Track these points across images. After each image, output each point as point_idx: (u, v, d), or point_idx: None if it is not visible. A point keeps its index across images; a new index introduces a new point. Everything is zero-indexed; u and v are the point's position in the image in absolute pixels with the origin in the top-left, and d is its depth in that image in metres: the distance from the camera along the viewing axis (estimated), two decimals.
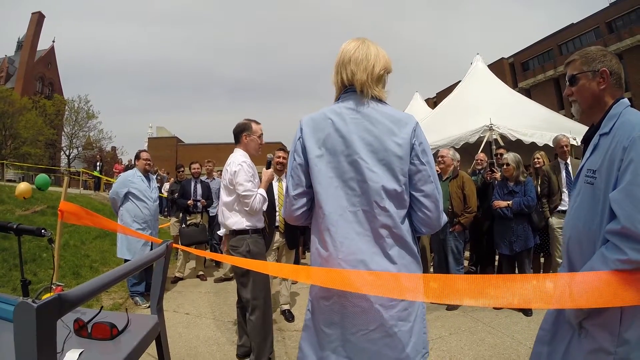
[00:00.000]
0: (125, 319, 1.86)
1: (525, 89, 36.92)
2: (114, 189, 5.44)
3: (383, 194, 1.58)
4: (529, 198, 4.80)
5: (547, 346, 1.66)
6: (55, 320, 1.01)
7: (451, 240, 5.06)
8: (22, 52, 48.43)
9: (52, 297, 0.98)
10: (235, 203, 3.37)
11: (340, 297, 1.60)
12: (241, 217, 3.36)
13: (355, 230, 1.60)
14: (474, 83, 10.63)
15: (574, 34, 35.37)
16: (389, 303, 1.57)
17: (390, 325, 1.56)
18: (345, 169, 1.63)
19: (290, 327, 4.48)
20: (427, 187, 1.64)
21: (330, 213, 1.63)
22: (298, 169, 1.72)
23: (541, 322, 1.77)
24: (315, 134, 1.68)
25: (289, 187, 1.76)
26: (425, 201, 1.65)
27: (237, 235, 3.37)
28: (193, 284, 6.56)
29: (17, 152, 35.10)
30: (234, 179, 3.28)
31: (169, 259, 2.15)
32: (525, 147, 7.82)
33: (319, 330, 1.67)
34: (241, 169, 3.28)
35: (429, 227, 1.70)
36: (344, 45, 1.74)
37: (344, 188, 1.63)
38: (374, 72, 1.66)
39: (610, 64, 1.60)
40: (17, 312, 0.94)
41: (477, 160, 6.61)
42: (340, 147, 1.64)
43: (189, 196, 6.85)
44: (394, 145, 1.60)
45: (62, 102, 43.39)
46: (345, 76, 1.69)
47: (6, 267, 5.21)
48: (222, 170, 3.56)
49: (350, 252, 1.59)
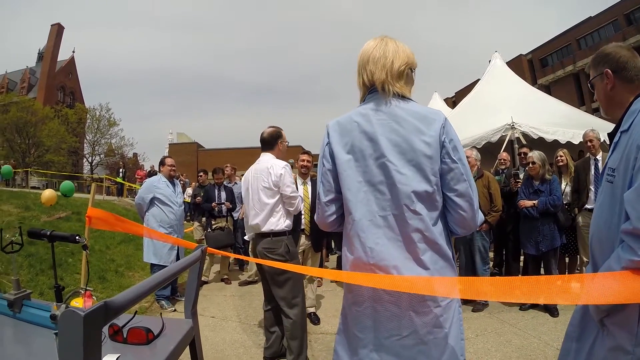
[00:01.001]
0: (160, 323, 1.87)
1: (545, 86, 36.26)
2: (140, 195, 5.54)
3: (413, 197, 1.54)
4: (554, 197, 4.70)
5: (575, 342, 1.63)
6: (101, 328, 1.02)
7: (478, 240, 5.01)
8: (43, 63, 49.48)
9: (98, 305, 0.99)
10: (278, 204, 3.42)
11: (373, 302, 1.58)
12: (281, 219, 3.43)
13: (386, 235, 1.56)
14: (493, 81, 10.47)
15: (592, 28, 34.64)
16: (421, 309, 1.53)
17: (425, 332, 1.53)
18: (374, 173, 1.59)
19: (316, 329, 4.48)
20: (460, 186, 1.58)
21: (360, 219, 1.60)
22: (328, 174, 1.71)
23: (570, 318, 1.73)
24: (342, 138, 1.66)
25: (320, 194, 1.75)
26: (460, 201, 1.58)
27: (275, 237, 3.41)
28: (218, 287, 6.61)
29: (40, 159, 35.91)
30: (280, 181, 3.35)
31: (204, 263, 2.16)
32: (548, 144, 7.67)
33: (352, 335, 1.65)
34: (286, 172, 3.38)
35: (465, 227, 1.64)
36: (364, 45, 1.71)
37: (374, 192, 1.59)
38: (393, 69, 1.62)
39: (613, 62, 1.54)
40: (64, 320, 0.95)
41: (499, 159, 6.52)
42: (368, 150, 1.61)
43: (212, 201, 6.91)
44: (422, 144, 1.55)
45: (84, 110, 44.37)
46: (366, 77, 1.66)
47: (33, 272, 5.31)
48: (252, 172, 3.59)
49: (382, 258, 1.55)
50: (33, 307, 1.92)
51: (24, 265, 5.35)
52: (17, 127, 35.46)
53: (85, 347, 0.94)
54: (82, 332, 0.92)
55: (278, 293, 3.42)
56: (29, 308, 1.92)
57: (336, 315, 4.83)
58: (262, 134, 3.62)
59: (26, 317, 1.89)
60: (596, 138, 5.00)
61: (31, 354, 1.70)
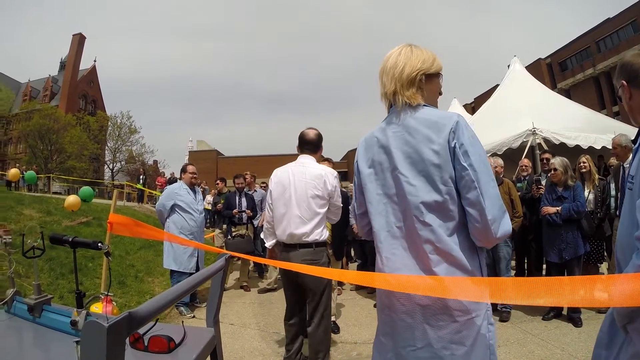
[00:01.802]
0: (181, 331, 1.85)
1: (565, 90, 35.76)
2: (161, 201, 5.60)
3: (422, 208, 1.52)
4: (578, 204, 4.59)
5: (604, 350, 1.60)
6: (125, 339, 1.01)
7: (502, 247, 4.92)
8: (65, 72, 50.76)
9: (122, 315, 0.98)
10: (326, 214, 3.29)
11: (389, 310, 1.62)
12: (323, 229, 3.27)
13: (402, 245, 1.60)
14: (513, 86, 10.37)
15: (611, 30, 34.01)
16: (435, 323, 1.49)
17: (440, 347, 1.48)
18: (390, 185, 1.64)
19: (336, 338, 4.43)
20: (470, 195, 1.48)
21: (379, 230, 1.66)
22: (358, 189, 1.82)
23: (597, 326, 1.72)
24: (366, 153, 1.76)
25: (355, 207, 1.88)
26: (471, 211, 1.49)
27: (317, 247, 3.23)
28: (237, 294, 6.62)
29: (62, 165, 36.80)
30: (334, 192, 3.24)
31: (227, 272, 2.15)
32: (569, 150, 7.55)
33: (378, 340, 1.72)
34: (338, 182, 3.28)
35: (480, 239, 1.52)
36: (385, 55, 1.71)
37: (391, 204, 1.64)
38: (402, 77, 1.60)
39: (626, 72, 1.48)
40: (87, 330, 0.94)
41: (521, 166, 6.40)
42: (385, 163, 1.66)
43: (233, 209, 6.90)
44: (430, 153, 1.51)
45: (105, 118, 45.38)
46: (382, 89, 1.69)
47: (53, 276, 5.37)
48: (296, 175, 3.30)
49: (396, 268, 1.59)
50: (53, 312, 1.91)
51: (44, 269, 5.42)
52: (40, 134, 36.45)
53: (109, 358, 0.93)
54: (106, 343, 0.91)
55: (316, 306, 3.25)
56: (49, 313, 1.91)
57: (356, 324, 4.84)
58: (307, 135, 3.40)
59: (46, 322, 1.88)
60: (619, 145, 4.83)
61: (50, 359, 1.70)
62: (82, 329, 0.95)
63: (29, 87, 51.40)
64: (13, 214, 8.06)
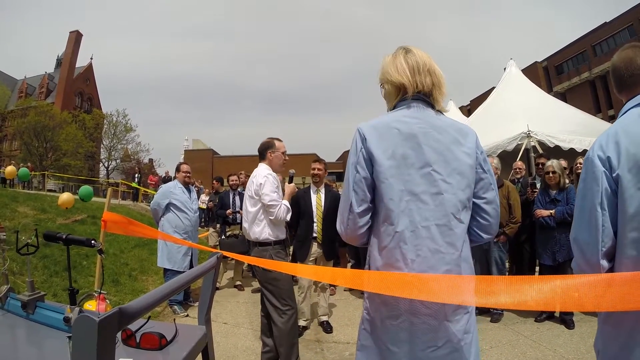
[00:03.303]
0: (173, 329, 1.85)
1: (561, 93, 35.87)
2: (155, 200, 5.60)
3: (459, 205, 1.55)
4: (572, 206, 4.61)
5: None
6: (115, 334, 1.02)
7: (495, 251, 4.96)
8: (62, 69, 50.59)
9: (113, 311, 0.98)
10: (259, 213, 3.45)
11: (410, 315, 1.52)
12: (265, 228, 3.45)
13: (428, 246, 1.52)
14: (509, 89, 10.40)
15: (608, 34, 34.10)
16: (454, 317, 1.52)
17: (458, 339, 1.52)
18: (417, 182, 1.54)
19: (328, 338, 4.46)
20: (489, 194, 1.66)
21: (403, 230, 1.53)
22: (362, 182, 1.60)
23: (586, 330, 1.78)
24: (382, 142, 1.58)
25: (353, 204, 1.62)
26: (487, 207, 1.66)
27: (260, 246, 3.47)
28: (231, 293, 6.64)
29: (57, 163, 36.64)
30: (259, 190, 3.39)
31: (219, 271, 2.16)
32: (564, 153, 7.61)
33: (383, 350, 1.58)
34: (267, 180, 3.39)
35: (489, 233, 1.71)
36: (416, 52, 1.70)
37: (416, 202, 1.54)
38: (439, 80, 1.68)
39: (612, 70, 1.61)
40: (78, 325, 0.95)
41: (515, 168, 6.43)
42: (411, 158, 1.56)
43: (227, 208, 6.89)
44: (463, 155, 1.59)
45: (101, 116, 45.26)
46: (417, 84, 1.64)
47: (47, 274, 5.38)
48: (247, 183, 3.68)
49: (422, 270, 1.51)
50: (46, 309, 1.92)
51: (38, 267, 5.42)
52: (35, 131, 36.26)
53: (99, 352, 0.93)
54: (97, 338, 0.92)
55: (268, 301, 3.46)
56: (42, 310, 1.92)
57: (349, 324, 4.84)
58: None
59: (39, 319, 1.89)
60: None
61: (43, 355, 1.71)
62: (73, 323, 0.96)
63: (25, 84, 51.15)
64: (7, 211, 8.05)
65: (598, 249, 1.40)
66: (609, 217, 1.39)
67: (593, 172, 1.43)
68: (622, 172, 1.36)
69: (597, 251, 1.41)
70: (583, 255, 1.47)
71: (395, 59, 1.69)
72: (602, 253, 1.40)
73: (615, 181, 1.38)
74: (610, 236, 1.40)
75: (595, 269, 1.42)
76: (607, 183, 1.39)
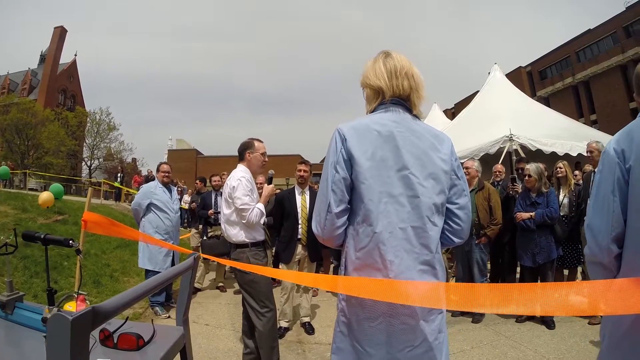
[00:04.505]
0: (151, 329, 1.85)
1: (544, 98, 36.37)
2: (136, 200, 5.54)
3: (433, 209, 1.60)
4: (551, 209, 4.71)
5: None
6: (89, 333, 1.02)
7: (477, 252, 5.03)
8: (45, 65, 49.84)
9: (86, 310, 0.99)
10: (233, 216, 3.44)
11: (388, 317, 1.54)
12: (240, 230, 3.44)
13: (404, 247, 1.55)
14: (493, 93, 10.55)
15: (591, 40, 34.68)
16: (429, 317, 1.57)
17: (433, 339, 1.56)
18: (394, 184, 1.57)
19: (310, 339, 4.47)
20: (461, 200, 1.71)
21: (381, 231, 1.55)
22: (341, 182, 1.60)
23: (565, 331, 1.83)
24: (362, 144, 1.59)
25: (331, 204, 1.61)
26: (460, 213, 1.70)
27: (237, 248, 3.47)
28: (213, 295, 6.61)
29: (39, 162, 36.03)
30: (232, 193, 3.38)
31: (196, 271, 2.15)
32: (546, 157, 7.71)
33: (359, 352, 1.59)
34: (240, 184, 3.37)
35: (460, 237, 1.74)
36: (396, 56, 1.72)
37: (393, 204, 1.56)
38: (419, 85, 1.71)
39: (635, 76, 1.64)
40: (52, 324, 0.95)
41: (495, 171, 6.53)
42: (389, 161, 1.59)
43: (209, 208, 6.83)
44: (439, 160, 1.64)
45: (84, 114, 44.62)
46: (395, 88, 1.67)
47: (27, 275, 5.28)
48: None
49: (400, 271, 1.54)
50: (25, 310, 1.91)
51: (19, 267, 5.33)
52: (17, 129, 35.59)
53: (73, 351, 0.94)
54: (70, 337, 0.92)
55: (247, 303, 3.45)
56: (21, 310, 1.91)
57: (331, 325, 4.80)
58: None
59: (18, 319, 1.88)
60: (597, 149, 4.99)
61: (21, 356, 1.69)
62: (48, 322, 0.96)
63: (8, 80, 50.21)
64: None
65: (609, 233, 1.50)
66: (619, 204, 1.49)
67: (608, 163, 1.54)
68: (634, 164, 1.45)
69: (607, 235, 1.50)
70: (595, 240, 1.56)
71: (375, 64, 1.72)
72: (612, 237, 1.50)
73: (627, 172, 1.48)
74: (620, 222, 1.49)
75: (604, 253, 1.52)
76: (620, 173, 1.49)
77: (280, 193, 4.46)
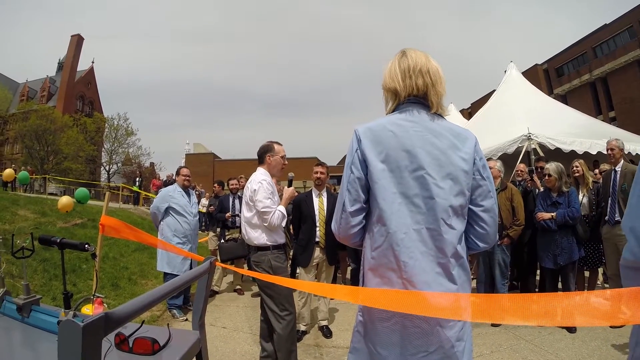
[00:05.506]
0: (166, 334, 1.84)
1: (561, 95, 35.84)
2: (155, 204, 5.57)
3: (450, 211, 1.54)
4: (573, 209, 4.60)
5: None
6: (101, 339, 1.00)
7: (499, 254, 4.92)
8: (63, 73, 50.88)
9: (98, 315, 0.97)
10: (255, 219, 3.45)
11: (402, 317, 1.52)
12: (262, 233, 3.45)
13: (419, 249, 1.52)
14: (509, 91, 10.42)
15: (608, 35, 33.96)
16: (447, 324, 1.52)
17: (449, 346, 1.51)
18: (409, 185, 1.55)
19: (328, 343, 4.43)
20: (487, 202, 1.63)
21: (395, 232, 1.54)
22: (356, 182, 1.62)
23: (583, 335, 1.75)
24: (376, 146, 1.60)
25: (346, 203, 1.65)
26: (485, 216, 1.63)
27: (259, 251, 3.47)
28: (230, 297, 6.61)
29: (58, 167, 36.75)
30: (254, 196, 3.39)
31: (212, 275, 2.14)
32: (565, 155, 7.57)
33: (372, 353, 1.59)
34: (261, 187, 3.38)
35: (486, 242, 1.67)
36: (413, 54, 1.69)
37: (407, 205, 1.55)
38: (438, 82, 1.67)
39: None
40: (63, 330, 0.93)
41: (517, 171, 6.41)
42: (404, 161, 1.57)
43: (227, 211, 6.85)
44: (459, 159, 1.58)
45: (102, 119, 45.38)
46: (410, 87, 1.64)
47: (47, 277, 5.36)
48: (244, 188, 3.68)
49: (415, 273, 1.51)
50: (42, 313, 1.92)
51: (38, 270, 5.40)
52: (37, 135, 36.40)
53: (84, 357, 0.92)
54: (81, 343, 0.90)
55: (267, 306, 3.44)
56: (37, 313, 1.92)
57: (349, 329, 4.80)
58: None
59: (34, 322, 1.89)
60: (617, 147, 4.84)
61: (36, 359, 1.70)
62: (59, 328, 0.95)
63: (27, 88, 51.44)
64: (8, 215, 8.03)
65: None
66: None
67: None
68: None
69: None
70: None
71: (391, 65, 1.71)
72: None
73: None
74: None
75: None
76: None
77: (297, 196, 4.44)
